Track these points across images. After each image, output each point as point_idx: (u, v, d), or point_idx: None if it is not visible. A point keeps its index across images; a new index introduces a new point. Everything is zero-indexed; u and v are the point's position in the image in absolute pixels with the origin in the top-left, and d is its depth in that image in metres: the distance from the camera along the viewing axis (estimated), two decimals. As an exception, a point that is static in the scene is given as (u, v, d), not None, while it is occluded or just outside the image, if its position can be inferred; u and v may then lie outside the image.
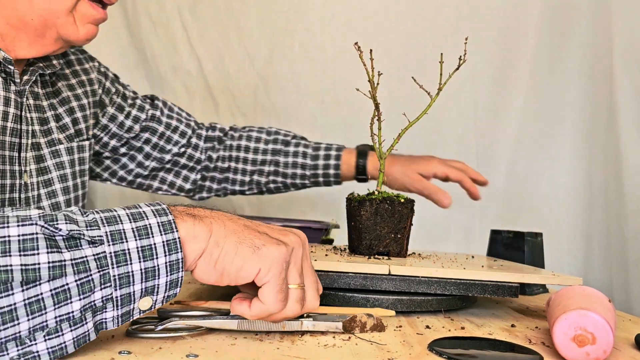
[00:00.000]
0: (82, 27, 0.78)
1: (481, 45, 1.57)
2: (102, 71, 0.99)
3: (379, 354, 0.53)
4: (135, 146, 1.04)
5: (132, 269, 0.46)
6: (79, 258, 0.44)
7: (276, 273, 0.51)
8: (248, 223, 0.54)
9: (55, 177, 0.85)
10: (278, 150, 1.11)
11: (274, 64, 1.70)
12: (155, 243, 0.46)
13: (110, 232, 0.45)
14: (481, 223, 1.62)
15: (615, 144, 1.39)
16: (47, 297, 0.42)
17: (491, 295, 0.74)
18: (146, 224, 0.47)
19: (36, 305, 0.42)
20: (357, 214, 0.84)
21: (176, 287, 0.48)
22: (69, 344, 0.44)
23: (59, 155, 0.86)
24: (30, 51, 0.78)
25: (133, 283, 0.46)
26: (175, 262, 0.47)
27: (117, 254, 0.45)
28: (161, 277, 0.47)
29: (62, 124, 0.88)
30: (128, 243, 0.46)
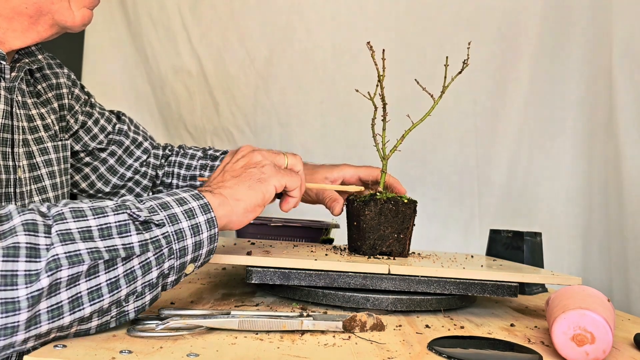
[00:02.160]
0: (77, 12, 0.78)
1: (481, 45, 1.57)
2: (72, 78, 0.99)
3: (378, 353, 0.54)
4: (100, 157, 1.03)
5: (186, 243, 0.58)
6: (154, 237, 0.55)
7: (279, 175, 0.70)
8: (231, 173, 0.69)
9: (45, 173, 0.85)
10: (205, 165, 1.11)
11: (274, 64, 1.70)
12: (199, 222, 0.59)
13: (168, 215, 0.57)
14: (481, 223, 1.63)
15: (615, 144, 1.39)
16: (138, 269, 0.54)
17: (490, 294, 0.74)
18: (190, 207, 0.59)
19: (131, 276, 0.54)
20: (360, 213, 0.84)
21: (210, 254, 0.62)
22: (147, 303, 0.57)
23: (47, 153, 0.86)
24: (25, 40, 0.77)
25: (187, 254, 0.58)
26: (214, 235, 0.60)
27: (176, 232, 0.57)
28: (204, 247, 0.60)
29: (46, 123, 0.88)
30: (182, 223, 0.58)
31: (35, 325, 0.48)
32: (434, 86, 0.86)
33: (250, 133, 1.73)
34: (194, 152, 1.13)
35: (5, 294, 0.45)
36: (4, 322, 0.46)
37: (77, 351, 0.49)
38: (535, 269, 0.93)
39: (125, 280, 0.53)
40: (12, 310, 0.46)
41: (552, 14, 1.55)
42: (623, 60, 1.38)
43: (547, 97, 1.58)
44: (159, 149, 1.13)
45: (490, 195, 1.63)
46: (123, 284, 0.53)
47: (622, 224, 1.36)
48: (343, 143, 1.66)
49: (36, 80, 0.90)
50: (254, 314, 0.59)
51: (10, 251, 0.47)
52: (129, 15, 1.76)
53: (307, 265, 0.72)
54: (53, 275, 0.48)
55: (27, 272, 0.47)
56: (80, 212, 0.53)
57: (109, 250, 0.51)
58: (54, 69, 0.95)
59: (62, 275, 0.48)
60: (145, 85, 1.79)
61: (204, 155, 1.12)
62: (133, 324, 0.58)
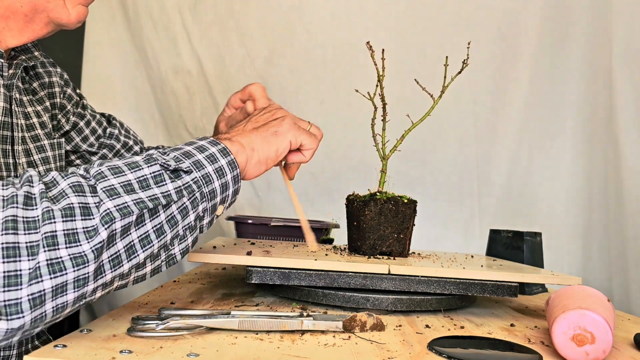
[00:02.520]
0: (72, 10, 0.78)
1: (481, 45, 1.57)
2: (64, 78, 0.99)
3: (378, 353, 0.54)
4: (90, 160, 1.02)
5: (215, 185, 0.61)
6: (185, 183, 0.58)
7: (297, 132, 0.72)
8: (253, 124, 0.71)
9: (42, 171, 0.85)
10: None
11: (274, 64, 1.70)
12: (222, 165, 0.62)
13: (193, 162, 0.60)
14: (481, 223, 1.63)
15: (615, 144, 1.39)
16: (177, 214, 0.58)
17: (490, 294, 0.74)
18: (211, 152, 0.62)
19: (173, 221, 0.57)
20: (360, 213, 0.84)
21: (236, 194, 0.65)
22: (190, 245, 0.61)
23: (44, 150, 0.86)
24: (21, 38, 0.77)
25: (216, 196, 0.61)
26: (236, 175, 0.64)
27: (203, 176, 0.60)
28: (230, 188, 0.63)
29: (42, 120, 0.88)
30: (207, 168, 0.60)
31: (101, 274, 0.52)
32: (434, 86, 0.86)
33: (250, 133, 1.73)
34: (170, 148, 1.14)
35: (72, 250, 0.49)
36: (76, 275, 0.50)
37: (77, 351, 0.49)
38: (535, 269, 0.93)
39: (168, 226, 0.57)
40: (82, 264, 0.50)
41: (552, 14, 1.55)
42: (623, 60, 1.38)
43: (547, 97, 1.58)
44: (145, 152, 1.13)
45: (490, 195, 1.63)
46: (167, 229, 0.57)
47: (622, 224, 1.36)
48: (343, 143, 1.66)
49: (31, 78, 0.90)
50: (254, 314, 0.59)
51: (68, 212, 0.50)
52: (129, 15, 1.76)
53: (307, 265, 0.72)
54: (109, 228, 0.51)
55: (86, 229, 0.50)
56: (117, 168, 0.56)
57: (151, 200, 0.55)
58: (47, 67, 0.95)
59: (117, 227, 0.52)
60: (145, 85, 1.79)
61: None
62: (133, 324, 0.58)
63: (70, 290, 0.50)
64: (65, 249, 0.49)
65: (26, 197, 0.50)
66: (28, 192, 0.51)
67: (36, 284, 0.48)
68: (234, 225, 1.29)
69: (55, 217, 0.50)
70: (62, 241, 0.49)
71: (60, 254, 0.49)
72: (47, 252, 0.48)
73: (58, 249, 0.49)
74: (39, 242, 0.48)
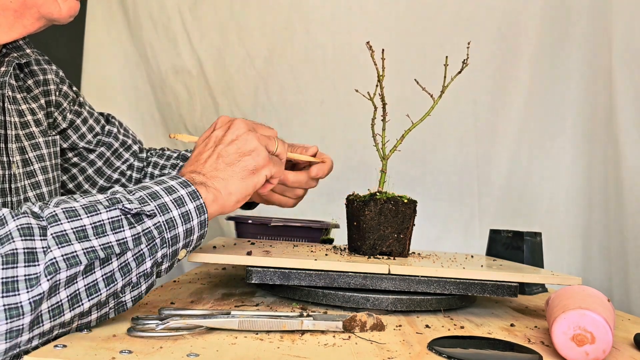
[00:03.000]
0: (64, 4, 0.77)
1: (481, 45, 1.57)
2: (60, 75, 0.98)
3: (378, 353, 0.54)
4: (88, 158, 1.02)
5: (178, 231, 0.59)
6: (146, 229, 0.56)
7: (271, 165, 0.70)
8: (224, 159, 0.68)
9: (38, 168, 0.85)
10: (176, 164, 1.10)
11: (274, 64, 1.70)
12: (190, 209, 0.60)
13: (158, 205, 0.57)
14: (480, 223, 1.63)
15: (615, 144, 1.39)
16: (132, 261, 0.55)
17: (490, 294, 0.74)
18: (179, 195, 0.60)
19: (126, 269, 0.55)
20: (360, 213, 0.84)
21: (201, 239, 0.63)
22: (143, 292, 0.59)
23: (39, 148, 0.86)
24: (12, 34, 0.76)
25: (178, 241, 0.59)
26: (204, 221, 0.61)
27: (167, 221, 0.58)
28: (194, 234, 0.61)
29: (36, 118, 0.88)
30: (172, 212, 0.58)
31: (38, 325, 0.49)
32: (434, 86, 0.86)
33: (250, 133, 1.73)
34: (170, 154, 1.13)
35: (8, 300, 0.47)
36: (9, 327, 0.47)
37: (77, 351, 0.49)
38: (535, 269, 0.93)
39: (120, 274, 0.54)
40: (17, 316, 0.47)
41: (552, 14, 1.55)
42: (623, 60, 1.38)
43: (547, 97, 1.58)
44: (143, 152, 1.13)
45: (490, 195, 1.63)
46: (119, 277, 0.54)
47: (622, 224, 1.36)
48: (343, 143, 1.66)
49: (26, 75, 0.90)
50: (254, 314, 0.59)
51: (9, 258, 0.47)
52: (129, 15, 1.76)
53: (307, 265, 0.72)
54: (53, 279, 0.49)
55: (27, 277, 0.48)
56: (73, 212, 0.53)
57: (104, 248, 0.52)
58: (42, 65, 0.94)
59: (61, 277, 0.50)
60: (145, 85, 1.79)
61: (177, 156, 1.12)
62: (133, 324, 0.58)
63: (1, 342, 0.47)
64: (0, 299, 0.46)
65: None
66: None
67: None
68: (234, 225, 1.29)
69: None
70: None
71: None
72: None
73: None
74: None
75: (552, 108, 1.58)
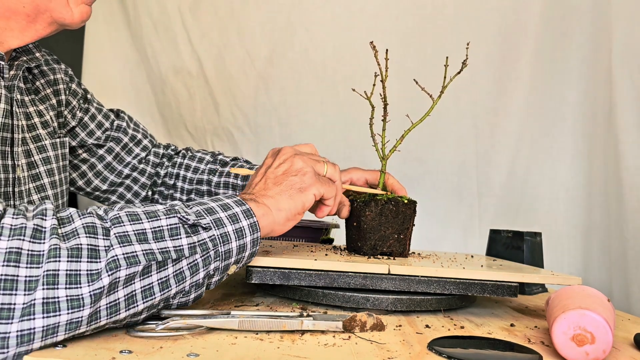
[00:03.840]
0: (76, 9, 0.77)
1: (481, 45, 1.57)
2: (69, 74, 0.98)
3: (378, 353, 0.54)
4: (97, 153, 1.02)
5: (231, 246, 0.61)
6: (201, 240, 0.58)
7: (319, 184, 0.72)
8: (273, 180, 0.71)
9: (43, 171, 0.85)
10: (214, 169, 1.09)
11: (274, 64, 1.70)
12: (243, 226, 0.62)
13: (214, 219, 0.60)
14: (480, 223, 1.63)
15: (615, 144, 1.39)
16: (186, 270, 0.57)
17: (490, 294, 0.74)
18: (234, 212, 0.62)
19: (180, 276, 0.57)
20: (361, 214, 0.84)
21: (252, 257, 0.65)
22: (190, 301, 0.60)
23: (45, 150, 0.86)
24: (24, 38, 0.77)
25: (231, 256, 0.61)
26: (256, 239, 0.63)
27: (221, 235, 0.60)
28: (247, 250, 0.63)
29: (44, 120, 0.88)
30: (227, 227, 0.60)
31: (95, 320, 0.51)
32: (435, 86, 0.86)
33: (251, 133, 1.73)
34: (202, 156, 1.12)
35: (70, 292, 0.49)
36: (69, 318, 0.49)
37: (77, 351, 0.49)
38: (535, 269, 0.93)
39: (174, 280, 0.56)
40: (78, 307, 0.49)
41: (552, 14, 1.55)
42: (623, 60, 1.38)
43: (547, 97, 1.58)
44: (160, 147, 1.12)
45: (490, 195, 1.63)
46: (173, 283, 0.56)
47: (622, 224, 1.36)
48: (343, 143, 1.66)
49: (34, 76, 0.90)
50: (254, 314, 0.59)
51: (75, 252, 0.50)
52: (129, 15, 1.76)
53: (307, 265, 0.72)
54: (113, 275, 0.51)
55: (89, 272, 0.50)
56: (135, 215, 0.56)
57: (161, 252, 0.55)
58: (51, 64, 0.94)
59: (121, 275, 0.52)
60: (145, 85, 1.79)
61: (214, 160, 1.11)
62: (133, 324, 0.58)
63: (61, 332, 0.49)
64: (64, 289, 0.49)
65: (35, 229, 0.50)
66: (38, 225, 0.50)
67: (27, 321, 0.47)
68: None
69: (61, 256, 0.49)
70: (63, 281, 0.49)
71: (58, 294, 0.48)
72: (45, 291, 0.48)
73: (57, 288, 0.48)
74: (39, 279, 0.48)
75: (552, 108, 1.57)
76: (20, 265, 0.47)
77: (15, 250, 0.48)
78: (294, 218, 0.69)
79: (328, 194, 0.74)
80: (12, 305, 0.47)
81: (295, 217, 0.70)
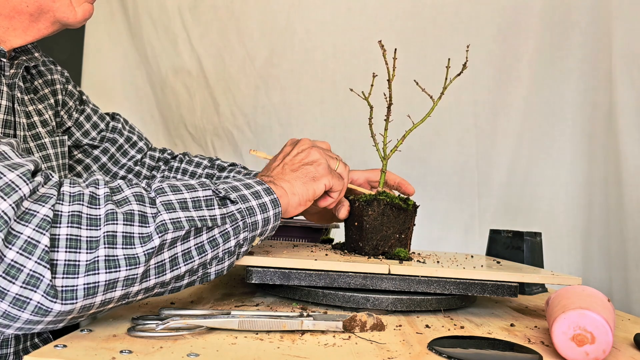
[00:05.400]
0: (79, 8, 0.78)
1: (481, 45, 1.57)
2: (65, 75, 0.99)
3: (378, 353, 0.54)
4: (92, 154, 1.03)
5: (257, 218, 0.65)
6: (230, 212, 0.63)
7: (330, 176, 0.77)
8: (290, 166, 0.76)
9: (44, 169, 0.85)
10: (212, 174, 1.10)
11: (274, 64, 1.70)
12: (266, 202, 0.66)
13: (239, 195, 0.64)
14: (480, 223, 1.63)
15: (615, 144, 1.39)
16: (218, 237, 0.62)
17: (490, 294, 0.74)
18: (256, 189, 0.67)
19: (214, 243, 0.61)
20: (363, 214, 0.84)
21: (273, 230, 0.69)
22: (226, 268, 0.65)
23: (44, 148, 0.86)
24: (26, 38, 0.77)
25: (257, 228, 0.65)
26: (278, 213, 0.68)
27: (247, 209, 0.64)
28: (270, 223, 0.67)
29: (43, 119, 0.88)
30: (251, 202, 0.65)
31: (146, 278, 0.56)
32: (435, 86, 0.86)
33: (250, 133, 1.73)
34: (199, 161, 1.12)
35: (127, 251, 0.54)
36: (127, 274, 0.53)
37: (77, 351, 0.49)
38: (535, 269, 0.93)
39: (209, 246, 0.61)
40: (134, 264, 0.54)
41: (552, 14, 1.55)
42: (623, 60, 1.38)
43: (547, 97, 1.58)
44: (156, 151, 1.12)
45: (490, 195, 1.63)
46: (208, 248, 0.61)
47: (622, 224, 1.36)
48: (343, 143, 1.66)
49: (32, 76, 0.90)
50: (254, 314, 0.59)
51: (128, 216, 0.55)
52: (129, 15, 1.76)
53: (307, 265, 0.72)
54: (162, 237, 0.55)
55: (141, 235, 0.55)
56: (176, 187, 0.61)
57: (200, 220, 0.59)
58: (48, 65, 0.95)
59: (168, 237, 0.56)
60: (145, 85, 1.79)
61: (211, 165, 1.12)
62: (133, 324, 0.58)
63: (119, 288, 0.53)
64: (121, 249, 0.53)
65: (91, 196, 0.55)
66: (93, 193, 0.55)
67: (93, 275, 0.52)
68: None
69: (118, 219, 0.54)
70: (120, 242, 0.53)
71: (117, 253, 0.53)
72: (106, 249, 0.52)
73: (116, 247, 0.53)
74: (99, 239, 0.52)
75: (552, 108, 1.58)
76: (82, 227, 0.52)
77: (77, 214, 0.52)
78: (304, 203, 0.74)
79: (336, 187, 0.79)
80: (78, 262, 0.51)
81: (306, 203, 0.74)
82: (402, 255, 0.83)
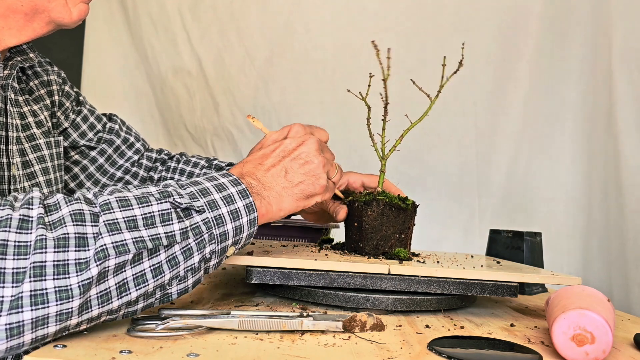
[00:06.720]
0: (74, 8, 0.77)
1: (481, 45, 1.57)
2: (62, 76, 0.99)
3: (378, 353, 0.54)
4: (89, 155, 1.02)
5: (227, 228, 0.59)
6: (194, 224, 0.57)
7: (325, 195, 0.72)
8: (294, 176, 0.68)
9: (38, 170, 0.85)
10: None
11: (274, 64, 1.70)
12: (239, 207, 0.60)
13: (208, 202, 0.58)
14: (480, 223, 1.63)
15: (615, 144, 1.39)
16: (179, 255, 0.56)
17: (490, 294, 0.74)
18: (229, 193, 0.60)
19: (173, 262, 0.56)
20: (363, 214, 0.84)
21: (251, 237, 0.63)
22: (190, 286, 0.59)
23: (39, 149, 0.86)
24: (21, 37, 0.77)
25: (228, 238, 0.60)
26: (253, 219, 0.62)
27: (216, 217, 0.58)
28: (244, 231, 0.61)
29: (38, 119, 0.88)
30: (221, 209, 0.59)
31: (86, 310, 0.51)
32: (435, 86, 0.86)
33: (250, 133, 1.73)
34: (197, 161, 1.12)
35: (58, 282, 0.48)
36: (59, 309, 0.48)
37: (77, 351, 0.49)
38: (535, 269, 0.93)
39: (168, 266, 0.55)
40: (66, 298, 0.48)
41: (552, 14, 1.55)
42: (623, 60, 1.38)
43: (547, 97, 1.58)
44: (153, 152, 1.12)
45: (490, 195, 1.63)
46: (166, 269, 0.55)
47: (622, 224, 1.36)
48: (343, 143, 1.65)
49: (28, 77, 0.90)
50: (254, 314, 0.59)
51: (61, 242, 0.49)
52: (129, 15, 1.76)
53: (307, 265, 0.72)
54: (102, 264, 0.50)
55: (77, 261, 0.49)
56: (125, 201, 0.55)
57: (152, 239, 0.54)
58: (45, 66, 0.95)
59: (110, 264, 0.51)
60: (145, 85, 1.79)
61: (209, 165, 1.11)
62: (133, 324, 0.58)
63: (51, 324, 0.48)
64: (52, 281, 0.48)
65: (22, 220, 0.49)
66: (25, 216, 0.49)
67: (16, 314, 0.46)
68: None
69: (47, 247, 0.48)
70: (50, 272, 0.48)
71: (46, 285, 0.47)
72: (33, 283, 0.47)
73: (45, 279, 0.47)
74: (26, 270, 0.47)
75: (552, 108, 1.58)
76: (7, 257, 0.46)
77: (1, 243, 0.47)
78: (286, 214, 0.70)
79: (327, 201, 0.74)
80: (0, 298, 0.46)
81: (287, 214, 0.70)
82: (402, 255, 0.83)
